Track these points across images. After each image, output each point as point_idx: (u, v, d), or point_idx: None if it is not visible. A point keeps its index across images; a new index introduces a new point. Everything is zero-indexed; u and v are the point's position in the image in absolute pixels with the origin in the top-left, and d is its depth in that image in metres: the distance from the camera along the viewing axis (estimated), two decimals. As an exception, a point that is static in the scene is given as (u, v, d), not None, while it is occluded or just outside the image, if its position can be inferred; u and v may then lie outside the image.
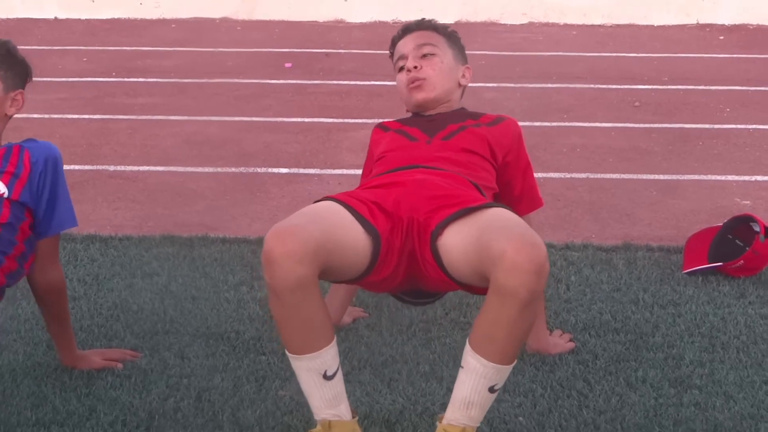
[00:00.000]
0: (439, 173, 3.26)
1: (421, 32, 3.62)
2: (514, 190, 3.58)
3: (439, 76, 3.55)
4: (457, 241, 2.96)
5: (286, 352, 2.93)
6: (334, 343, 2.91)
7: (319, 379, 2.90)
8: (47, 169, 3.31)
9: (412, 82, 3.54)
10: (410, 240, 3.06)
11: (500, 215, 2.97)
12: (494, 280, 2.75)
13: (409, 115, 3.65)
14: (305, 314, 2.84)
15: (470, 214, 3.00)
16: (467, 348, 2.86)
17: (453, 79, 3.60)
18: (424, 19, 3.71)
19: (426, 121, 3.53)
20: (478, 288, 2.98)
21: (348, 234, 2.96)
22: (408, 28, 3.66)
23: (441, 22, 3.71)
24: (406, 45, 3.60)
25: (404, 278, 3.12)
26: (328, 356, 2.90)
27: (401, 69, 3.59)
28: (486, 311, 2.81)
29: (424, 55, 3.56)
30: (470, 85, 3.67)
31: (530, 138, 3.77)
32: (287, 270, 2.77)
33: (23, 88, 3.40)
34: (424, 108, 3.57)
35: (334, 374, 2.91)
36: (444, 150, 3.38)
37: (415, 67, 3.54)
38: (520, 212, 3.28)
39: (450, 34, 3.66)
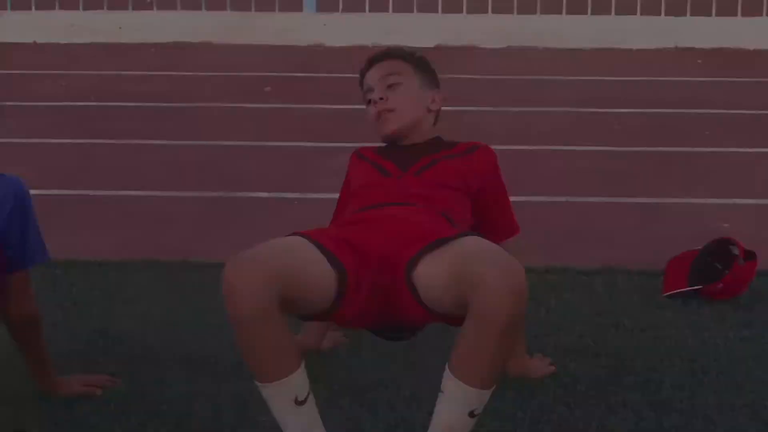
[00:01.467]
0: (410, 208, 3.24)
1: (387, 62, 3.60)
2: (490, 217, 3.56)
3: (407, 105, 3.52)
4: (432, 272, 2.95)
5: (255, 382, 2.92)
6: (302, 368, 2.90)
7: (291, 406, 2.89)
8: (16, 204, 3.27)
9: (380, 115, 3.53)
10: (382, 276, 3.04)
11: (476, 243, 2.96)
12: (473, 305, 2.75)
13: (386, 144, 3.63)
14: (269, 342, 2.84)
15: (444, 245, 2.99)
16: (446, 373, 2.85)
17: (421, 106, 3.57)
18: (389, 47, 3.70)
19: (401, 153, 3.51)
20: (458, 319, 2.97)
21: (311, 266, 2.96)
22: (373, 59, 3.64)
23: (408, 48, 3.69)
24: (372, 77, 3.58)
25: (379, 314, 3.10)
26: (297, 382, 2.89)
27: (369, 101, 3.58)
28: (465, 336, 2.80)
29: (390, 86, 3.54)
30: (452, 109, 3.66)
31: (511, 162, 3.77)
32: (248, 298, 2.78)
33: None
34: (395, 139, 3.56)
35: (305, 399, 2.90)
36: (415, 186, 3.36)
37: (381, 99, 3.53)
38: (497, 240, 3.25)
39: (417, 59, 3.64)
